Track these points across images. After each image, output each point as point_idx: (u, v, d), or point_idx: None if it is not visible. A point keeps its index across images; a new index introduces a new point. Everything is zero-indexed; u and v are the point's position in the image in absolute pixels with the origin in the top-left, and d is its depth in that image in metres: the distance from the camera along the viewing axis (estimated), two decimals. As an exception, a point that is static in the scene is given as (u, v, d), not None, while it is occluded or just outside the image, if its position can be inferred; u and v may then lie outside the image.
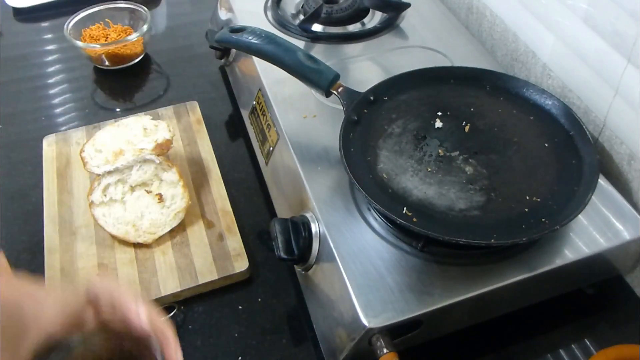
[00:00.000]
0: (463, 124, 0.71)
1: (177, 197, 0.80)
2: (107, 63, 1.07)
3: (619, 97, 0.69)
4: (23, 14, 1.23)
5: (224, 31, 0.76)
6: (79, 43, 1.03)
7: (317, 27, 0.93)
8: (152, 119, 0.89)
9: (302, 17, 0.95)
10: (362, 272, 0.61)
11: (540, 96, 0.73)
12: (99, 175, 0.82)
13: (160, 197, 0.80)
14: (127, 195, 0.81)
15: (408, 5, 0.94)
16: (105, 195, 0.80)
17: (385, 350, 0.56)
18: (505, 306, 0.67)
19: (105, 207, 0.80)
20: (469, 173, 0.65)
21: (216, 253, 0.76)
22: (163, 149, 0.83)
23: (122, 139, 0.87)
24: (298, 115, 0.78)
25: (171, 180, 0.81)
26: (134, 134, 0.87)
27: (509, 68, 0.90)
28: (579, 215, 0.59)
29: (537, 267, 0.61)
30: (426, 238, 0.60)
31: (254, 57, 0.85)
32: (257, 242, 0.80)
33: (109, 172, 0.81)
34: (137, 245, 0.77)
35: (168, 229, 0.78)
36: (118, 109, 1.03)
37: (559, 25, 0.77)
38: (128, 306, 0.50)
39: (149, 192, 0.81)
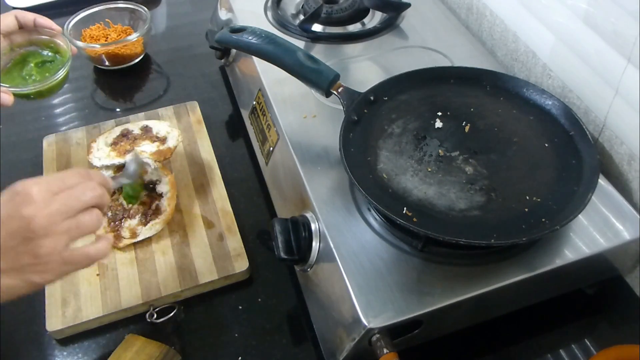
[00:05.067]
0: (463, 124, 0.71)
1: (161, 208, 0.80)
2: (107, 63, 1.07)
3: (619, 97, 0.69)
4: (23, 14, 1.23)
5: (224, 31, 0.76)
6: (79, 43, 1.03)
7: (317, 27, 0.93)
8: (169, 125, 0.89)
9: (302, 17, 0.95)
10: (362, 272, 0.61)
11: (540, 96, 0.73)
12: (96, 167, 0.82)
13: (145, 204, 0.80)
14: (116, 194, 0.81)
15: (408, 5, 0.94)
16: None
17: (385, 350, 0.56)
18: (506, 306, 0.67)
19: None
20: (469, 173, 0.65)
21: (216, 253, 0.76)
22: (161, 156, 0.83)
23: (133, 138, 0.87)
24: (298, 115, 0.78)
25: (161, 190, 0.81)
26: (149, 135, 0.88)
27: (509, 68, 0.90)
28: (579, 215, 0.59)
29: (537, 267, 0.61)
30: (426, 238, 0.60)
31: (254, 57, 0.85)
32: (257, 242, 0.80)
33: (106, 167, 0.82)
34: (137, 245, 0.77)
35: (141, 237, 0.77)
36: (118, 109, 1.03)
37: (559, 25, 0.77)
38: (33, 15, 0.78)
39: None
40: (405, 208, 0.61)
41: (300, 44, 0.89)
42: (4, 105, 0.73)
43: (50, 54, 0.82)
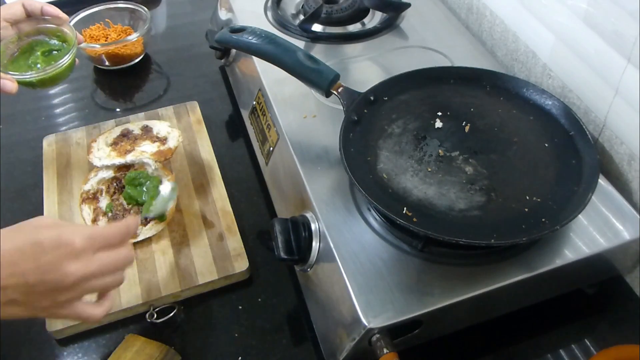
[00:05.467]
0: (463, 124, 0.71)
1: None
2: (107, 63, 1.07)
3: (619, 97, 0.69)
4: (23, 14, 1.23)
5: (224, 31, 0.76)
6: (79, 43, 1.03)
7: (317, 27, 0.93)
8: (170, 126, 0.89)
9: (302, 17, 0.95)
10: (362, 272, 0.61)
11: (540, 96, 0.73)
12: (96, 167, 0.82)
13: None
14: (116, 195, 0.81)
15: (408, 5, 0.94)
16: (98, 185, 0.81)
17: (385, 350, 0.56)
18: (505, 306, 0.67)
19: (92, 203, 0.80)
20: (469, 173, 0.65)
21: (216, 253, 0.76)
22: (162, 156, 0.83)
23: (133, 138, 0.87)
24: (298, 115, 0.78)
25: (162, 190, 0.80)
26: (149, 135, 0.88)
27: (509, 68, 0.90)
28: (579, 215, 0.59)
29: (537, 267, 0.61)
30: (426, 238, 0.60)
31: (254, 57, 0.85)
32: (257, 242, 0.80)
33: (107, 167, 0.82)
34: (137, 245, 0.77)
35: (141, 238, 0.77)
36: (118, 109, 1.03)
37: (559, 25, 0.77)
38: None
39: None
40: (405, 208, 0.61)
41: (300, 44, 0.89)
42: (7, 92, 0.73)
43: (57, 42, 0.81)
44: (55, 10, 0.79)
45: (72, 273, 0.50)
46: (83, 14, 1.08)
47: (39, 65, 0.78)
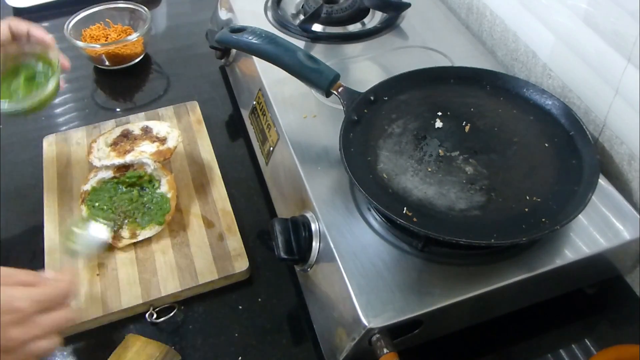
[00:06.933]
0: (463, 124, 0.71)
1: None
2: (107, 63, 1.07)
3: (619, 97, 0.69)
4: (23, 14, 1.23)
5: (224, 31, 0.76)
6: (79, 43, 1.03)
7: (317, 27, 0.93)
8: (169, 126, 0.89)
9: (302, 17, 0.95)
10: (362, 272, 0.61)
11: (540, 96, 0.73)
12: (96, 167, 0.82)
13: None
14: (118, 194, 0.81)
15: (408, 5, 0.94)
16: (97, 185, 0.81)
17: (385, 350, 0.56)
18: (505, 306, 0.67)
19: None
20: (469, 173, 0.65)
21: (216, 253, 0.76)
22: (161, 156, 0.83)
23: (133, 138, 0.87)
24: (298, 115, 0.78)
25: (162, 190, 0.81)
26: (149, 135, 0.88)
27: (509, 68, 0.90)
28: (579, 215, 0.59)
29: (537, 267, 0.61)
30: (426, 238, 0.60)
31: (254, 57, 0.85)
32: (257, 242, 0.80)
33: (106, 167, 0.82)
34: (137, 245, 0.77)
35: (141, 238, 0.77)
36: (118, 109, 1.03)
37: (559, 25, 0.77)
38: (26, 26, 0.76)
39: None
40: (405, 208, 0.61)
41: (300, 44, 0.89)
42: None
43: (42, 66, 0.79)
44: (41, 34, 0.77)
45: (15, 338, 0.49)
46: (83, 14, 1.08)
47: (20, 93, 0.76)
